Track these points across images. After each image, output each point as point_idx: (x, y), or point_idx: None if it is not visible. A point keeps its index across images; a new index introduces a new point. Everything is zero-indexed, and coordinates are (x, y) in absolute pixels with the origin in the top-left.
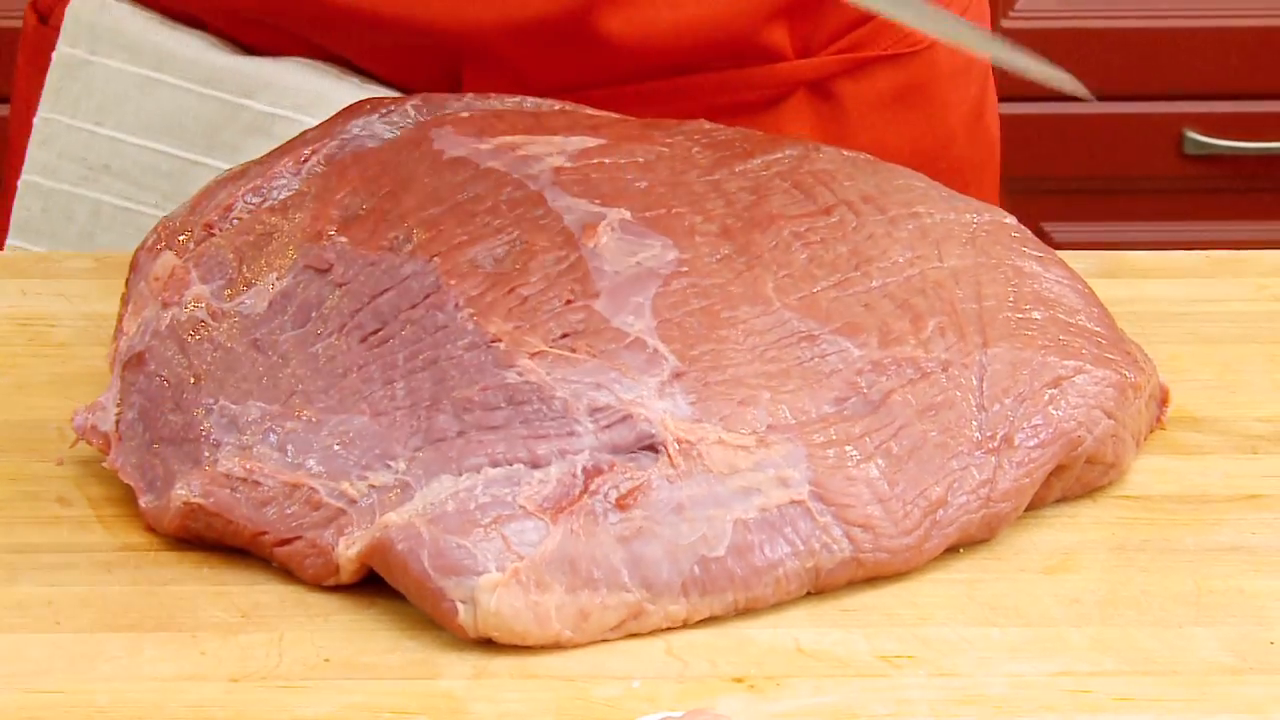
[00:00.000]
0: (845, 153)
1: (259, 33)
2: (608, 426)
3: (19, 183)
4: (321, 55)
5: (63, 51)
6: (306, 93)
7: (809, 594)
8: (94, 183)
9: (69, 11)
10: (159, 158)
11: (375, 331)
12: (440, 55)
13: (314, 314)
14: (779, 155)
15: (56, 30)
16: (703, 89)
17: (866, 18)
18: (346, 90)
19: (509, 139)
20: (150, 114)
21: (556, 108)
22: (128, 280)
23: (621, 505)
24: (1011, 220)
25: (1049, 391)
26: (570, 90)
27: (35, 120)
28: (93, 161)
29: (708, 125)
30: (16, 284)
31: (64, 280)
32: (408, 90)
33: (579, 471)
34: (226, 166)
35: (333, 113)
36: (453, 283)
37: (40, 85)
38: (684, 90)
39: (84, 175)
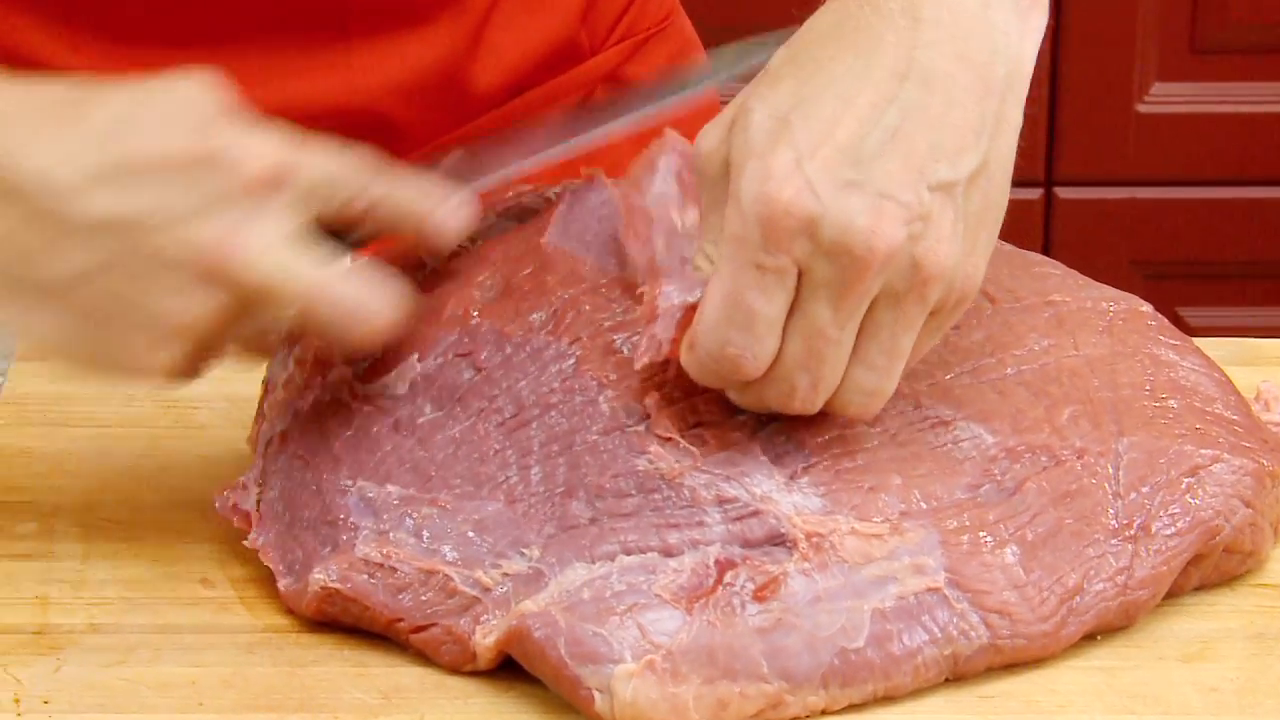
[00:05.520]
0: None
1: None
2: (737, 519)
3: None
4: None
5: None
6: None
7: (947, 680)
8: None
9: None
10: None
11: (513, 416)
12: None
13: (454, 397)
14: None
15: None
16: (532, 104)
17: (630, 1)
18: None
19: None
20: None
21: None
22: (270, 363)
23: (759, 597)
24: (1148, 308)
25: (1186, 480)
26: (432, 138)
27: None
28: None
29: None
30: None
31: None
32: None
33: (711, 563)
34: None
35: None
36: (591, 367)
37: None
38: (519, 110)
39: None
